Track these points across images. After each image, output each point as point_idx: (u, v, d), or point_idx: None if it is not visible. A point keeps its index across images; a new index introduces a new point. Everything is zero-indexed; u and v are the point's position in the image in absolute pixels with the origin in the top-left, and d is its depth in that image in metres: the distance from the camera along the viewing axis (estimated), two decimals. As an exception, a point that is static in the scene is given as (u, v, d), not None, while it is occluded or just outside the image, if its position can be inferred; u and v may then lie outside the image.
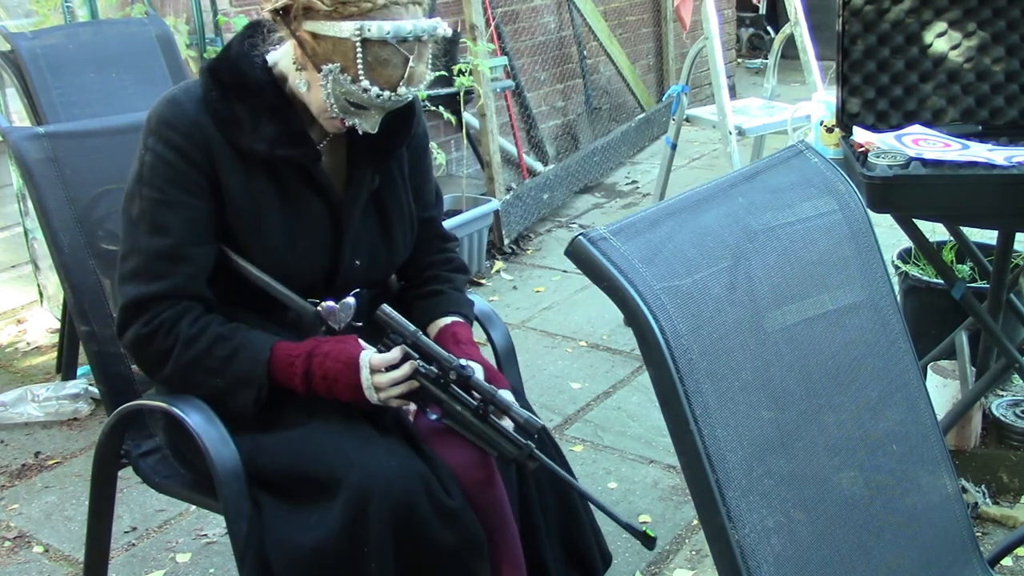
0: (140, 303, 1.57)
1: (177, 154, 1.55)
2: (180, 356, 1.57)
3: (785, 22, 4.01)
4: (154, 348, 1.58)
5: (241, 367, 1.58)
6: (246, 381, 1.58)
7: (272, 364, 1.58)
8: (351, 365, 1.57)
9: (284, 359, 1.58)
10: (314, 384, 1.58)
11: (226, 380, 1.58)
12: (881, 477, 1.28)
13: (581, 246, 1.06)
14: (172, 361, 1.58)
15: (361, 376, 1.56)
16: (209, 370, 1.58)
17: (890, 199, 2.01)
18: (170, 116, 1.56)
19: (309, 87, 1.55)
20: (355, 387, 1.57)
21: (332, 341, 1.60)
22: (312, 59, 1.51)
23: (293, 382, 1.58)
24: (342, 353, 1.57)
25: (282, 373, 1.58)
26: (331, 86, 1.50)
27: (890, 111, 2.31)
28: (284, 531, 1.53)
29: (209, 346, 1.57)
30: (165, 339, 1.57)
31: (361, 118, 1.55)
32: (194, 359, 1.57)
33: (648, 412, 2.95)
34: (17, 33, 2.92)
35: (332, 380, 1.57)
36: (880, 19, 2.28)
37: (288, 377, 1.58)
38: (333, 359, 1.57)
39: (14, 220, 3.62)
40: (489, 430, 1.57)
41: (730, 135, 3.58)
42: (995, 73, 2.28)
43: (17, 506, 2.59)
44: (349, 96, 1.51)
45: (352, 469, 1.51)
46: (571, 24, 5.62)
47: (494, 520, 1.59)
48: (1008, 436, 2.60)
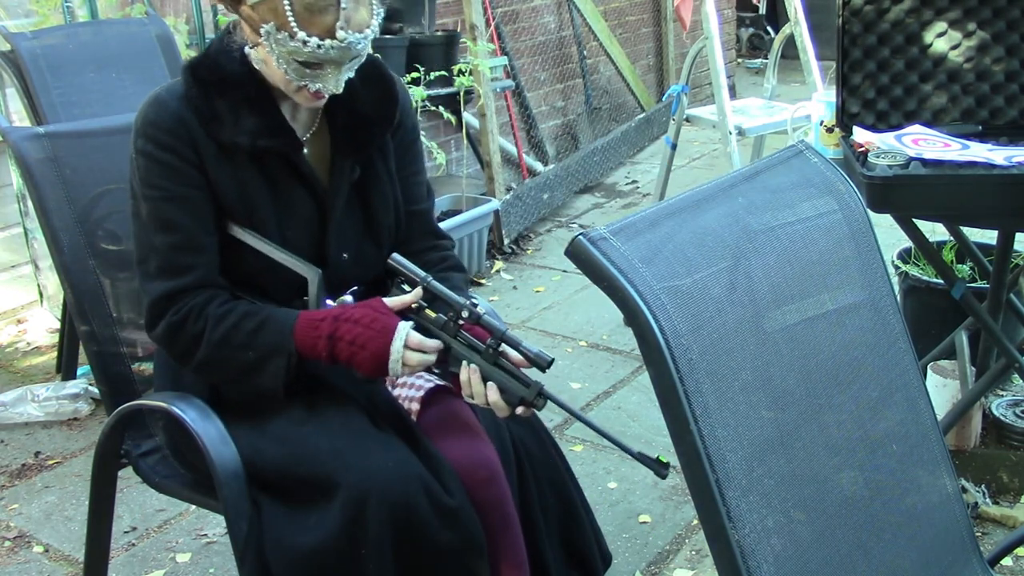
0: (169, 296, 1.58)
1: (167, 152, 1.56)
2: (211, 335, 1.57)
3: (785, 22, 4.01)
4: (186, 332, 1.58)
5: (269, 337, 1.57)
6: (276, 350, 1.56)
7: (297, 329, 1.57)
8: (385, 334, 1.54)
9: (308, 323, 1.57)
10: (337, 349, 1.55)
11: (256, 352, 1.57)
12: (881, 477, 1.28)
13: (581, 246, 1.06)
14: (204, 342, 1.57)
15: (392, 347, 1.53)
16: (239, 345, 1.57)
17: (890, 199, 2.01)
18: (154, 116, 1.58)
19: (266, 63, 1.56)
20: (380, 356, 1.54)
21: (360, 306, 1.58)
22: (254, 30, 1.52)
23: (317, 346, 1.56)
24: (376, 322, 1.55)
25: (306, 338, 1.56)
26: (275, 48, 1.50)
27: (890, 111, 2.31)
28: (283, 532, 1.53)
29: (238, 321, 1.57)
30: (196, 323, 1.57)
31: (320, 79, 1.54)
32: (224, 336, 1.57)
33: (648, 412, 2.95)
34: (17, 33, 2.92)
35: (359, 347, 1.54)
36: (880, 19, 2.28)
37: (312, 341, 1.56)
38: (364, 325, 1.55)
39: (14, 220, 3.62)
40: (499, 371, 1.54)
41: (730, 135, 3.58)
42: (995, 73, 2.28)
43: (17, 506, 2.59)
44: (296, 55, 1.50)
45: (349, 470, 1.51)
46: (571, 24, 5.62)
47: (496, 519, 1.59)
48: (1008, 436, 2.60)
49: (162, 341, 1.62)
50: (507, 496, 1.61)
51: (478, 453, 1.61)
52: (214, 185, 1.59)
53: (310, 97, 1.58)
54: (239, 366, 1.59)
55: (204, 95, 1.58)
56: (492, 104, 4.33)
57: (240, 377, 1.60)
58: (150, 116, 1.58)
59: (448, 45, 4.35)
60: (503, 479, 1.61)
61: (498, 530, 1.59)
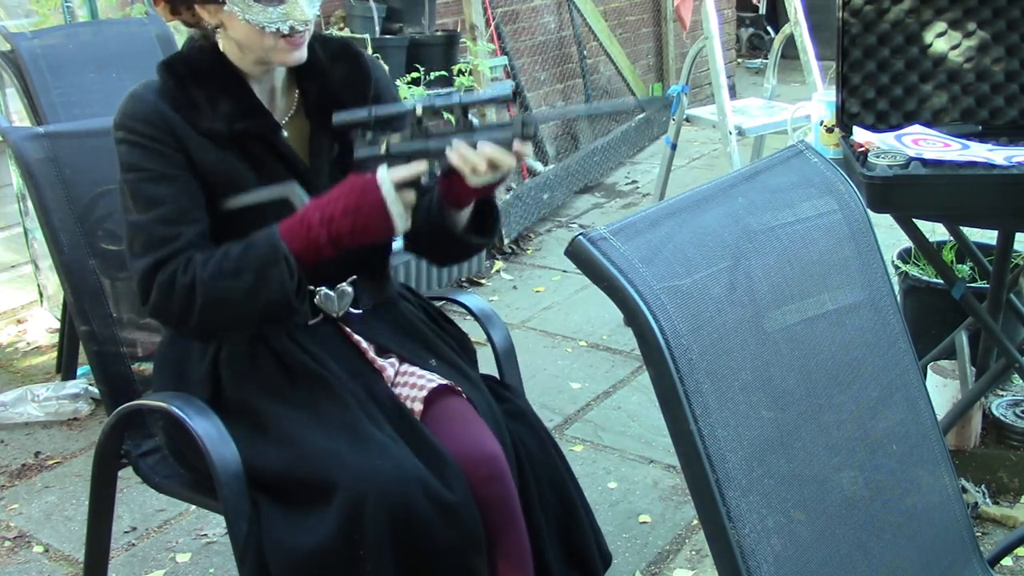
0: (155, 264, 1.56)
1: (147, 138, 1.58)
2: (202, 275, 1.54)
3: (785, 22, 4.01)
4: (178, 288, 1.55)
5: (259, 251, 1.54)
6: (270, 259, 1.54)
7: (284, 234, 1.55)
8: (371, 187, 1.53)
9: (293, 223, 1.55)
10: (335, 228, 1.53)
11: (252, 270, 1.54)
12: (881, 477, 1.28)
13: (581, 246, 1.06)
14: (198, 286, 1.54)
15: (384, 192, 1.52)
16: (232, 271, 1.54)
17: (890, 199, 2.01)
18: (131, 109, 1.60)
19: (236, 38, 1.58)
20: (378, 209, 1.53)
21: (338, 185, 1.57)
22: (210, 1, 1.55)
23: (312, 237, 1.54)
24: (356, 184, 1.54)
25: (297, 235, 1.54)
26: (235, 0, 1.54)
27: (890, 111, 2.31)
28: (282, 534, 1.53)
29: (223, 253, 1.56)
30: (185, 275, 1.55)
31: (289, 13, 1.55)
32: (215, 270, 1.54)
33: (648, 412, 2.95)
34: (17, 33, 2.92)
35: (354, 212, 1.53)
36: (880, 19, 2.28)
37: (305, 235, 1.54)
38: (347, 193, 1.54)
39: (14, 220, 3.62)
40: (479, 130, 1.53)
41: (730, 135, 3.58)
42: (995, 73, 2.28)
43: (17, 506, 2.59)
44: None
45: (347, 472, 1.50)
46: (571, 24, 5.62)
47: (500, 517, 1.59)
48: (1008, 436, 2.60)
49: (158, 310, 1.58)
50: (512, 494, 1.61)
51: (482, 449, 1.60)
52: (199, 168, 1.60)
53: (288, 47, 1.58)
54: (242, 294, 1.54)
55: (180, 86, 1.60)
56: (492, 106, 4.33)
57: (247, 305, 1.55)
58: (128, 110, 1.60)
59: (448, 45, 4.36)
60: (508, 476, 1.61)
61: (501, 528, 1.59)
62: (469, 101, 1.54)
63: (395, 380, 1.72)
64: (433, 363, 1.72)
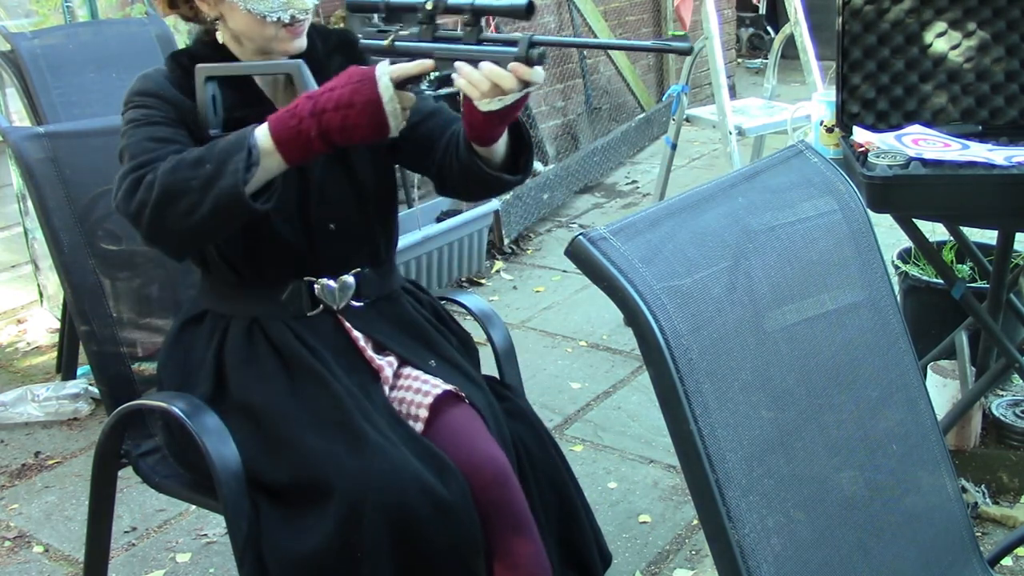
0: (137, 165, 1.51)
1: (150, 102, 1.60)
2: (165, 167, 1.48)
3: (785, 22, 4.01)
4: (144, 184, 1.48)
5: (225, 141, 1.48)
6: (235, 147, 1.46)
7: (272, 127, 1.47)
8: (368, 80, 1.43)
9: (282, 114, 1.48)
10: (326, 121, 1.44)
11: (214, 160, 1.46)
12: (881, 477, 1.28)
13: (581, 246, 1.06)
14: (159, 178, 1.47)
15: (380, 86, 1.42)
16: (193, 162, 1.47)
17: (890, 199, 2.01)
18: (139, 85, 1.62)
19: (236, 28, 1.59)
20: (372, 103, 1.43)
21: (337, 76, 1.48)
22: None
23: (302, 129, 1.45)
24: (353, 75, 1.45)
25: (281, 125, 1.46)
26: None
27: (890, 111, 2.31)
28: (280, 537, 1.53)
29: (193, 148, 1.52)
30: (152, 173, 1.48)
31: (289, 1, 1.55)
32: (178, 161, 1.48)
33: (648, 412, 2.95)
34: (17, 33, 2.92)
35: (347, 105, 1.43)
36: (880, 19, 2.28)
37: (296, 125, 1.46)
38: (343, 84, 1.45)
39: (14, 220, 3.62)
40: (487, 46, 1.43)
41: (730, 135, 3.58)
42: (995, 73, 2.28)
43: (17, 506, 2.59)
44: None
45: (344, 475, 1.50)
46: (571, 24, 5.62)
47: (505, 521, 1.58)
48: (1008, 436, 2.60)
49: (121, 202, 1.51)
50: (517, 498, 1.60)
51: (485, 453, 1.60)
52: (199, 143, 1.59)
53: (288, 35, 1.59)
54: (197, 185, 1.45)
55: (186, 75, 1.61)
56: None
57: (199, 195, 1.45)
58: (137, 87, 1.62)
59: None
60: (513, 481, 1.60)
61: (507, 533, 1.58)
62: (482, 6, 1.43)
63: (395, 383, 1.72)
64: (432, 363, 1.72)
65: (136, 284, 1.95)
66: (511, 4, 1.40)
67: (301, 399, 1.61)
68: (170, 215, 1.47)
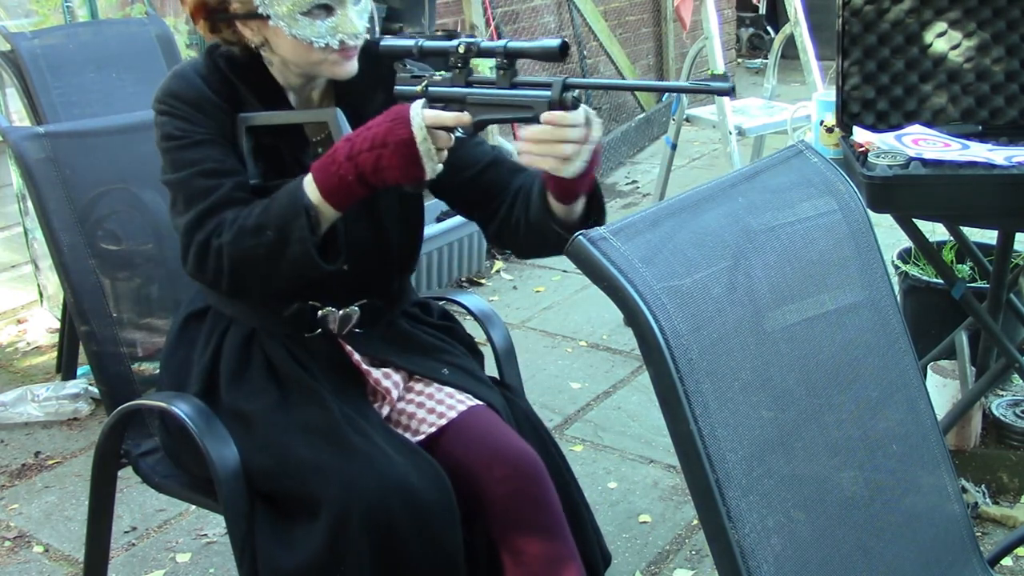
0: (198, 219, 1.51)
1: (186, 109, 1.55)
2: (227, 236, 1.48)
3: (785, 22, 4.01)
4: (212, 250, 1.49)
5: (280, 204, 1.47)
6: (290, 212, 1.46)
7: (315, 175, 1.46)
8: (402, 121, 1.41)
9: (323, 162, 1.46)
10: (361, 162, 1.42)
11: (273, 226, 1.46)
12: (881, 477, 1.28)
13: (581, 246, 1.06)
14: (225, 248, 1.48)
15: (414, 127, 1.40)
16: (253, 228, 1.47)
17: (890, 199, 2.00)
18: (173, 86, 1.56)
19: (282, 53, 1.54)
20: (406, 144, 1.41)
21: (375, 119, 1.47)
22: (250, 15, 1.50)
23: (341, 175, 1.44)
24: (387, 114, 1.44)
25: (326, 175, 1.45)
26: (278, 12, 1.47)
27: (890, 111, 2.31)
28: (270, 549, 1.53)
29: (249, 210, 1.50)
30: (219, 237, 1.49)
31: (338, 27, 1.49)
32: (238, 229, 1.48)
33: (648, 412, 2.95)
34: (17, 33, 2.92)
35: (381, 145, 1.41)
36: (880, 19, 2.28)
37: (334, 174, 1.44)
38: (378, 124, 1.44)
39: (14, 220, 3.62)
40: (517, 91, 1.41)
41: (730, 135, 3.58)
42: (995, 73, 2.28)
43: (17, 506, 2.59)
44: (297, 6, 1.47)
45: (331, 490, 1.49)
46: (571, 24, 5.62)
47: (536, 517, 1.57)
48: (1008, 436, 2.60)
49: (194, 270, 1.53)
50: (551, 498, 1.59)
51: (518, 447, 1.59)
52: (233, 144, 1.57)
53: (339, 58, 1.53)
54: (265, 253, 1.47)
55: (223, 77, 1.57)
56: (492, 104, 4.33)
57: (272, 263, 1.47)
58: (169, 87, 1.57)
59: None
60: (547, 479, 1.59)
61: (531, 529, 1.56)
62: (516, 49, 1.39)
63: (404, 396, 1.70)
64: (445, 372, 1.70)
65: (136, 284, 1.95)
66: (543, 46, 1.37)
67: (290, 411, 1.59)
68: (248, 283, 1.52)
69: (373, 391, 1.69)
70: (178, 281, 1.97)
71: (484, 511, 1.59)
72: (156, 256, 1.98)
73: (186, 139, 1.54)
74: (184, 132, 1.54)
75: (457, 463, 1.58)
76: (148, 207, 1.99)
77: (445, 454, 1.60)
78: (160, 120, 1.57)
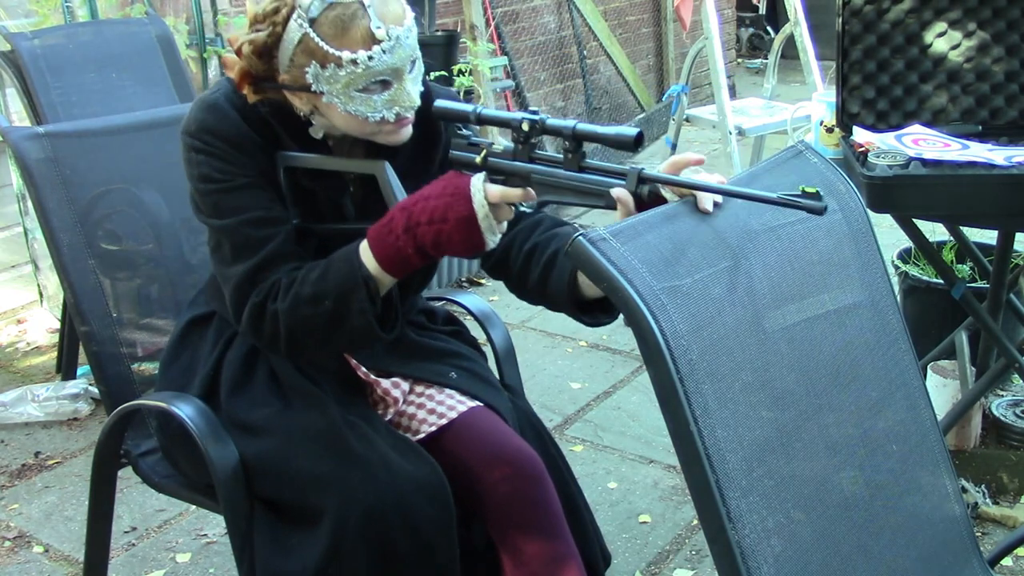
0: (251, 276, 1.47)
1: (227, 150, 1.49)
2: (282, 304, 1.45)
3: (785, 22, 4.02)
4: (268, 314, 1.47)
5: (337, 274, 1.44)
6: (348, 284, 1.43)
7: (371, 244, 1.42)
8: (462, 196, 1.37)
9: (379, 230, 1.42)
10: (420, 235, 1.39)
11: (331, 297, 1.43)
12: (881, 477, 1.28)
13: (581, 246, 1.06)
14: (281, 316, 1.45)
15: (475, 204, 1.36)
16: (309, 298, 1.44)
17: (890, 199, 2.00)
18: (210, 122, 1.49)
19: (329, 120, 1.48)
20: (467, 220, 1.37)
21: (433, 182, 1.42)
22: (302, 88, 1.44)
23: (399, 247, 1.41)
24: (448, 187, 1.39)
25: (384, 245, 1.41)
26: (332, 89, 1.42)
27: (890, 111, 2.31)
28: (268, 554, 1.53)
29: (303, 276, 1.46)
30: (275, 301, 1.47)
31: (394, 100, 1.44)
32: (294, 298, 1.45)
33: (648, 412, 2.95)
34: (17, 33, 2.92)
35: (441, 221, 1.38)
36: (880, 19, 2.28)
37: (392, 245, 1.41)
38: (437, 196, 1.39)
39: (14, 220, 3.62)
40: (588, 176, 1.36)
41: (730, 135, 3.58)
42: (995, 73, 2.28)
43: (17, 506, 2.59)
44: (353, 84, 1.41)
45: (330, 498, 1.49)
46: (571, 24, 5.62)
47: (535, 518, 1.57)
48: (1008, 436, 2.60)
49: (248, 329, 1.50)
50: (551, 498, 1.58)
51: (517, 447, 1.59)
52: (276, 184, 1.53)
53: (395, 129, 1.47)
54: (324, 323, 1.44)
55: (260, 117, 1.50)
56: (492, 104, 4.33)
57: (330, 332, 1.46)
58: (206, 122, 1.49)
59: (448, 45, 4.36)
60: (548, 480, 1.59)
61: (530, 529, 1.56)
62: (585, 133, 1.33)
63: (407, 399, 1.70)
64: (454, 375, 1.70)
65: (136, 284, 1.95)
66: (618, 134, 1.31)
67: (292, 420, 1.58)
68: (307, 348, 1.51)
69: (381, 398, 1.69)
70: (178, 281, 1.97)
71: (484, 511, 1.59)
72: (156, 256, 1.98)
73: (228, 182, 1.48)
74: (225, 175, 1.48)
75: (457, 463, 1.58)
76: (148, 207, 1.99)
77: (445, 454, 1.60)
78: (195, 158, 1.49)
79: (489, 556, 1.61)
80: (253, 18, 1.44)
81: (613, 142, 1.33)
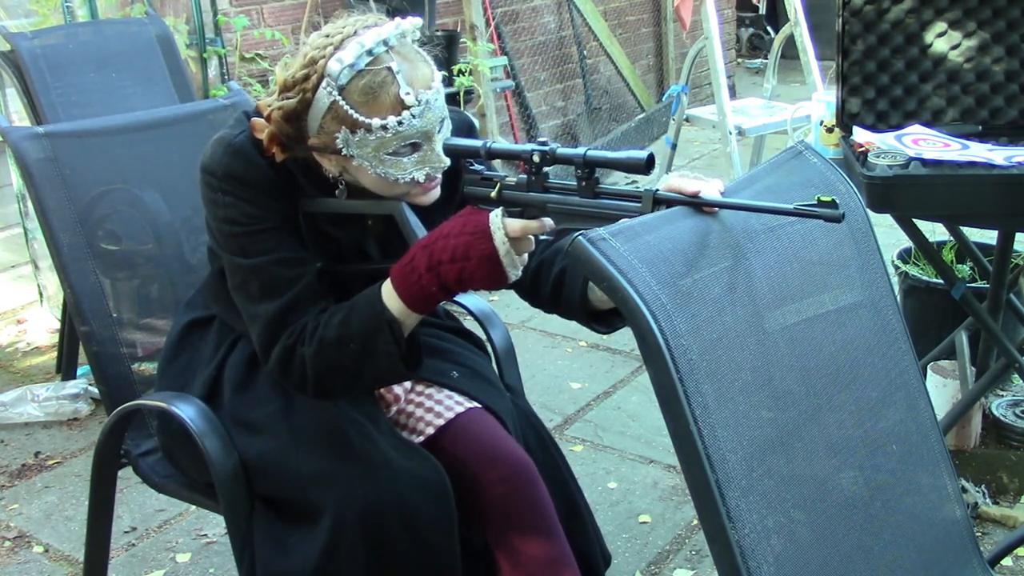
0: (280, 317, 1.49)
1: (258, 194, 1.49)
2: (309, 348, 1.47)
3: (785, 22, 4.02)
4: (296, 358, 1.48)
5: (360, 317, 1.45)
6: (372, 326, 1.44)
7: (395, 284, 1.43)
8: (483, 234, 1.39)
9: (402, 271, 1.43)
10: (443, 274, 1.40)
11: (356, 339, 1.45)
12: (881, 477, 1.28)
13: (581, 246, 1.06)
14: (309, 360, 1.47)
15: (496, 241, 1.38)
16: (334, 341, 1.45)
17: (890, 199, 2.01)
18: (240, 171, 1.48)
19: (358, 179, 1.48)
20: (489, 257, 1.38)
21: (452, 219, 1.43)
22: (332, 153, 1.44)
23: (423, 286, 1.41)
24: (467, 224, 1.40)
25: (407, 285, 1.42)
26: (362, 155, 1.42)
27: (890, 111, 2.31)
28: (266, 552, 1.53)
29: (327, 319, 1.47)
30: (303, 345, 1.48)
31: (423, 161, 1.45)
32: (319, 341, 1.46)
33: (648, 412, 2.95)
34: (17, 33, 2.92)
35: (463, 259, 1.39)
36: (880, 19, 2.28)
37: (415, 284, 1.42)
38: (457, 235, 1.40)
39: (14, 220, 3.62)
40: (605, 200, 1.36)
41: (730, 135, 3.58)
42: (995, 73, 2.28)
43: (17, 506, 2.59)
44: (383, 148, 1.41)
45: (330, 497, 1.49)
46: (571, 24, 5.62)
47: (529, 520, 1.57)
48: (1008, 436, 2.60)
49: (277, 370, 1.51)
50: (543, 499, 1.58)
51: (509, 449, 1.59)
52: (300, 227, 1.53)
53: (422, 189, 1.48)
54: (350, 364, 1.46)
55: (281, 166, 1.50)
56: (492, 104, 4.33)
57: (357, 372, 1.47)
58: (227, 167, 1.48)
59: (448, 45, 4.36)
60: (540, 482, 1.59)
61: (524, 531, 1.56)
62: (596, 159, 1.34)
63: (407, 397, 1.71)
64: (455, 375, 1.70)
65: (136, 284, 1.96)
66: (629, 157, 1.31)
67: (294, 419, 1.59)
68: (334, 389, 1.53)
69: (382, 395, 1.69)
70: (178, 281, 1.97)
71: (481, 512, 1.59)
72: (156, 256, 1.98)
73: (255, 226, 1.49)
74: (253, 219, 1.48)
75: (455, 464, 1.59)
76: (148, 207, 1.99)
77: (445, 454, 1.60)
78: (222, 199, 1.49)
79: (489, 556, 1.61)
80: (283, 84, 1.44)
81: (625, 167, 1.33)
